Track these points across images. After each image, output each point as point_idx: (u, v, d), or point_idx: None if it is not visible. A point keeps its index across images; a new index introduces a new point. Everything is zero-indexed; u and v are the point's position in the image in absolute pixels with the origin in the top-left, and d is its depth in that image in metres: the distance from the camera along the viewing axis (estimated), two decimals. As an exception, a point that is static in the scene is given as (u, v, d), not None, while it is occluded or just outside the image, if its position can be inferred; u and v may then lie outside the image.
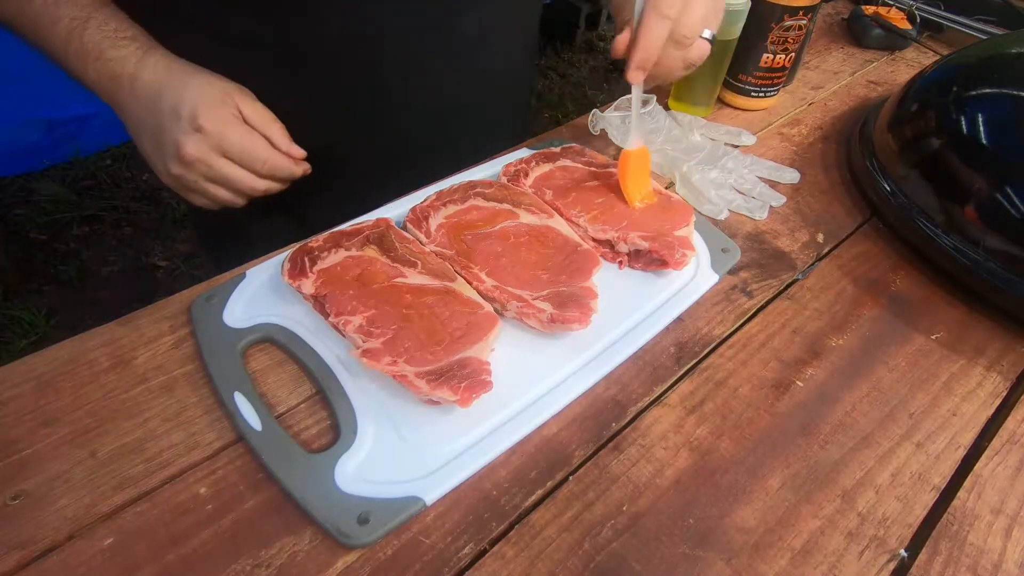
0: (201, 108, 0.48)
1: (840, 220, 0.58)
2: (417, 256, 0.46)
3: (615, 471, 0.38)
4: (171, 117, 0.48)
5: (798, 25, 0.64)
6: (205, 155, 0.49)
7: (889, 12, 0.86)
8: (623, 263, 0.50)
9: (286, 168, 0.52)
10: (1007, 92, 0.54)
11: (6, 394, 0.39)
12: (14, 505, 0.34)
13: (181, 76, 0.49)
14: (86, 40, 0.48)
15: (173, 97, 0.48)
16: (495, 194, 0.52)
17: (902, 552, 0.36)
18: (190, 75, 0.50)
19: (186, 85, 0.49)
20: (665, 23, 0.45)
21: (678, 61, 0.48)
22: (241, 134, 0.50)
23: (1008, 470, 0.40)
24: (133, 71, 0.49)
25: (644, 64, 0.47)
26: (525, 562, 0.34)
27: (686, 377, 0.44)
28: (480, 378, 0.38)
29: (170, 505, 0.35)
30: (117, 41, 0.48)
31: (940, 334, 0.48)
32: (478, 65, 0.61)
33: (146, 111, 0.49)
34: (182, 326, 0.44)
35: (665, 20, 0.45)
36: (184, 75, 0.50)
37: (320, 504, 0.34)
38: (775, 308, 0.49)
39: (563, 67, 2.48)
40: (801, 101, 0.74)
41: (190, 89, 0.48)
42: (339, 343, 0.42)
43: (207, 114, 0.48)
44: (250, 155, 0.50)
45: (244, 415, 0.38)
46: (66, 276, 1.55)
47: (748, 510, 0.37)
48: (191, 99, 0.48)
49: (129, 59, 0.48)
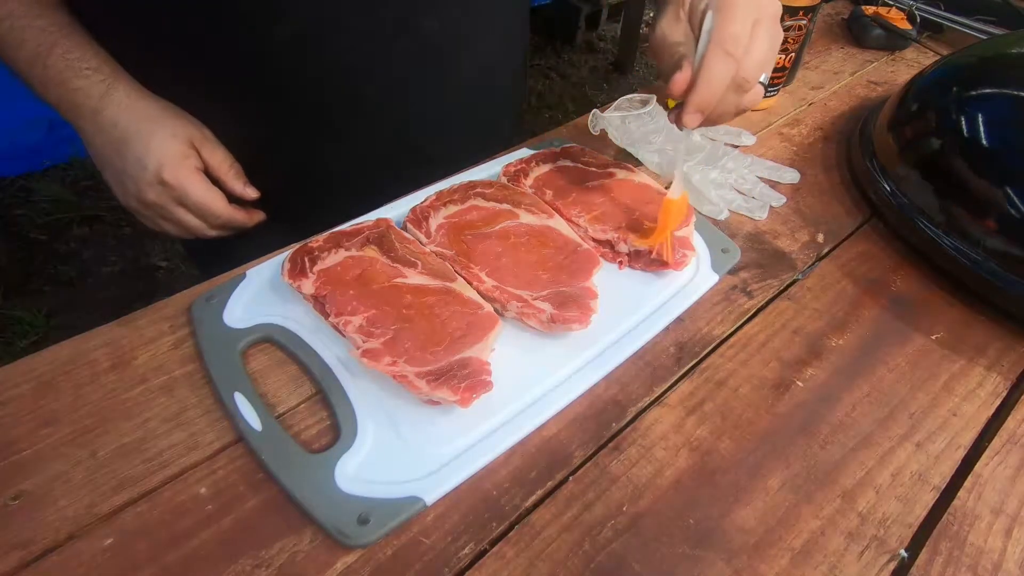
0: (166, 165, 0.50)
1: (840, 220, 0.58)
2: (417, 256, 0.46)
3: (615, 471, 0.38)
4: (136, 166, 0.51)
5: (798, 25, 0.64)
6: (165, 203, 0.52)
7: (889, 12, 0.86)
8: (623, 263, 0.50)
9: (239, 223, 0.57)
10: (1007, 92, 0.54)
11: (6, 394, 0.39)
12: (14, 505, 0.34)
13: (146, 125, 0.50)
14: (49, 67, 0.48)
15: (139, 148, 0.50)
16: (495, 194, 0.52)
17: (902, 552, 0.36)
18: (155, 123, 0.51)
19: (151, 136, 0.50)
20: (731, 64, 0.40)
21: (733, 106, 0.43)
22: (201, 192, 0.53)
23: (1008, 470, 0.40)
24: (96, 105, 0.49)
25: (704, 108, 0.42)
26: (525, 562, 0.34)
27: (686, 377, 0.44)
28: (480, 378, 0.38)
29: (170, 505, 0.35)
30: (80, 71, 0.49)
31: (940, 334, 0.48)
32: (449, 71, 0.58)
33: (110, 150, 0.51)
34: (182, 326, 0.44)
35: (731, 60, 0.40)
36: (149, 123, 0.51)
37: (320, 504, 0.34)
38: (775, 308, 0.49)
39: (563, 67, 2.48)
40: (801, 101, 0.74)
41: (155, 143, 0.50)
42: (339, 343, 0.42)
43: (171, 171, 0.51)
44: (206, 211, 0.54)
45: (244, 415, 0.38)
46: (66, 276, 1.55)
47: (748, 510, 0.37)
48: (156, 154, 0.50)
49: (92, 91, 0.49)
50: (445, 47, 0.56)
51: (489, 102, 0.67)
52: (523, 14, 0.67)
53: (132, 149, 0.50)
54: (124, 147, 0.50)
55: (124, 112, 0.50)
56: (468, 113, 0.64)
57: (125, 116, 0.50)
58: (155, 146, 0.50)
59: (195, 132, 0.53)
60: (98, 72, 0.49)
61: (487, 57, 0.62)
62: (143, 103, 0.51)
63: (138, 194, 0.52)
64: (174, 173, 0.51)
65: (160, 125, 0.51)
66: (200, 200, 0.52)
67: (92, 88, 0.49)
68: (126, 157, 0.50)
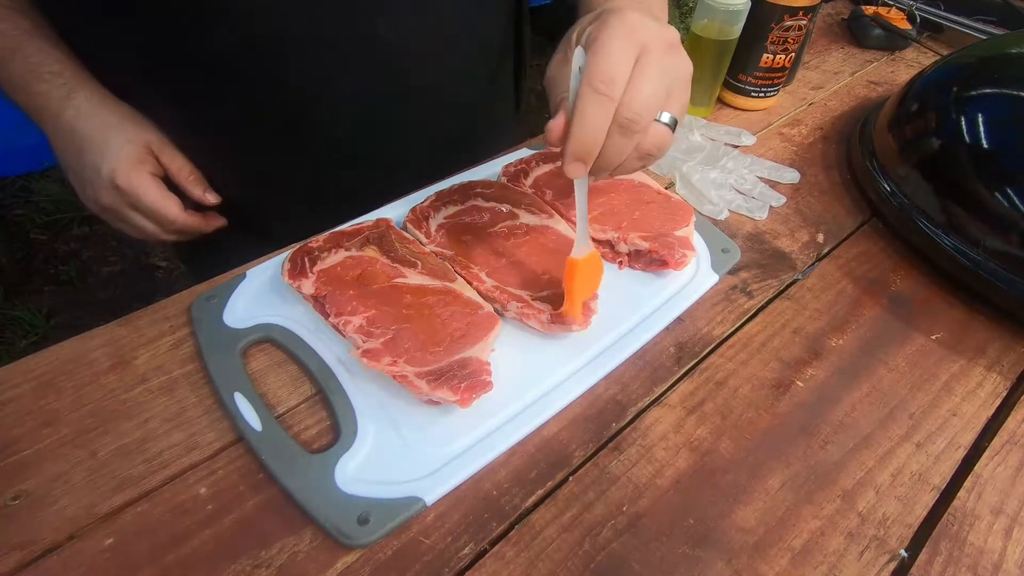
0: (119, 169, 0.51)
1: (840, 220, 0.58)
2: (417, 256, 0.46)
3: (615, 471, 0.38)
4: (91, 170, 0.51)
5: (798, 25, 0.64)
6: (120, 207, 0.53)
7: (889, 12, 0.86)
8: (623, 263, 0.50)
9: (194, 228, 0.56)
10: (1007, 92, 0.54)
11: (6, 394, 0.39)
12: (14, 505, 0.34)
13: (104, 131, 0.51)
14: (13, 71, 0.48)
15: (95, 152, 0.51)
16: (495, 194, 0.52)
17: (902, 552, 0.36)
18: (112, 129, 0.51)
19: (107, 141, 0.51)
20: (605, 103, 0.34)
21: (627, 151, 0.37)
22: (154, 197, 0.52)
23: (1008, 470, 0.40)
24: (56, 109, 0.50)
25: (582, 156, 0.36)
26: (525, 562, 0.34)
27: (686, 377, 0.44)
28: (480, 378, 0.38)
29: (170, 505, 0.35)
30: (42, 75, 0.49)
31: (940, 334, 0.48)
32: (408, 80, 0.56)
33: (70, 154, 0.52)
34: (182, 326, 0.44)
35: (605, 100, 0.34)
36: (106, 129, 0.51)
37: (320, 504, 0.34)
38: (775, 308, 0.49)
39: (563, 67, 2.48)
40: (801, 101, 0.74)
41: (111, 148, 0.51)
42: (339, 343, 0.42)
43: (123, 176, 0.51)
44: (160, 216, 0.54)
45: (244, 415, 0.38)
46: (66, 276, 1.55)
47: (748, 510, 0.37)
48: (110, 159, 0.51)
49: (53, 95, 0.49)
50: (403, 56, 0.54)
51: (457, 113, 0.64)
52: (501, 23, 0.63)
53: (89, 153, 0.51)
54: (82, 151, 0.51)
55: (83, 117, 0.50)
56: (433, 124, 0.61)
57: (84, 121, 0.50)
58: (110, 151, 0.51)
59: (153, 138, 0.54)
60: (59, 76, 0.49)
61: (453, 67, 0.59)
62: (103, 108, 0.51)
63: (95, 197, 0.53)
64: (127, 178, 0.51)
65: (117, 131, 0.51)
66: (152, 205, 0.53)
67: (53, 92, 0.49)
68: (84, 161, 0.51)
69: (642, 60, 0.35)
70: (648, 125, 0.36)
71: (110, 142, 0.51)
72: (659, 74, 0.36)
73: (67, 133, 0.50)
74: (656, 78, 0.36)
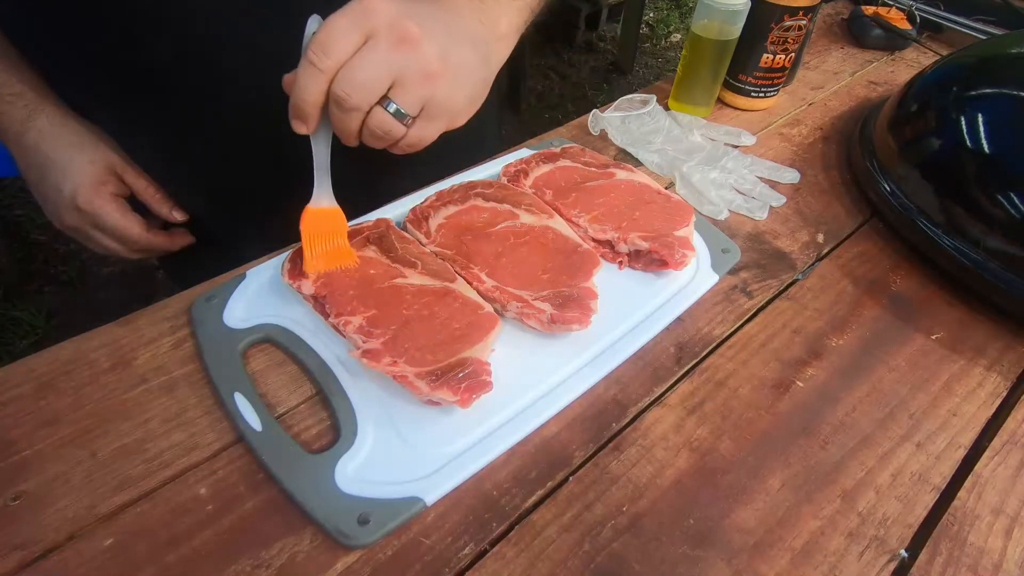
0: (80, 191, 0.51)
1: (840, 220, 0.58)
2: (417, 257, 0.46)
3: (615, 471, 0.38)
4: (54, 191, 0.52)
5: (798, 25, 0.64)
6: (83, 227, 0.54)
7: (889, 12, 0.86)
8: (623, 263, 0.50)
9: (158, 247, 0.57)
10: (1007, 92, 0.54)
11: (6, 395, 0.39)
12: (14, 506, 0.34)
13: (66, 152, 0.51)
14: None
15: (57, 173, 0.51)
16: (495, 194, 0.52)
17: (902, 552, 0.36)
18: (74, 150, 0.51)
19: (69, 163, 0.51)
20: (315, 73, 0.35)
21: (350, 124, 0.38)
22: (116, 217, 0.53)
23: (1008, 470, 0.40)
24: (19, 130, 0.50)
25: (298, 114, 0.38)
26: (525, 562, 0.34)
27: (686, 377, 0.44)
28: (480, 379, 0.38)
29: (170, 506, 0.35)
30: (4, 97, 0.49)
31: (940, 334, 0.48)
32: None
33: (34, 174, 0.52)
34: (182, 327, 0.44)
35: (315, 70, 0.35)
36: (68, 150, 0.51)
37: (320, 504, 0.34)
38: (775, 308, 0.49)
39: (563, 67, 2.48)
40: (801, 101, 0.74)
41: (72, 169, 0.51)
42: (339, 343, 0.42)
43: (84, 197, 0.51)
44: (122, 235, 0.54)
45: (244, 415, 0.38)
46: (66, 277, 1.55)
47: (748, 510, 0.37)
48: (71, 180, 0.51)
49: (15, 116, 0.50)
50: None
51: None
52: None
53: (52, 174, 0.51)
54: (45, 172, 0.51)
55: (45, 138, 0.51)
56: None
57: (46, 142, 0.51)
58: (72, 172, 0.51)
59: (115, 159, 0.54)
60: (21, 98, 0.50)
61: None
62: (65, 129, 0.51)
63: (59, 217, 0.53)
64: (88, 199, 0.51)
65: (79, 151, 0.52)
66: (114, 226, 0.53)
67: (15, 113, 0.50)
68: (47, 181, 0.52)
69: (368, 44, 0.36)
70: (362, 105, 0.37)
71: (72, 163, 0.51)
72: (380, 60, 0.36)
73: (30, 153, 0.51)
74: (375, 62, 0.36)
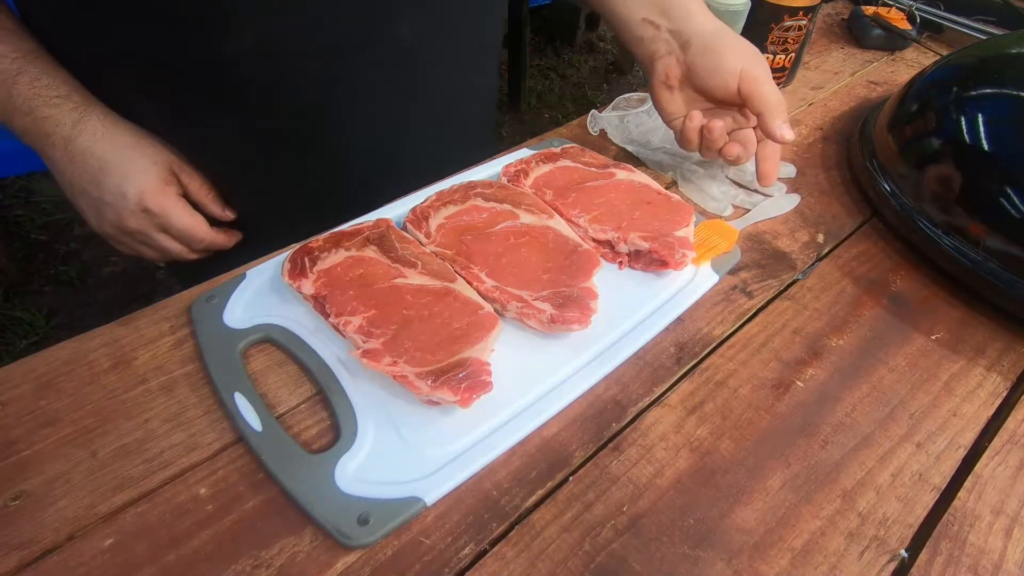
0: (148, 192, 0.51)
1: (840, 220, 0.58)
2: (417, 257, 0.46)
3: (615, 471, 0.38)
4: (116, 195, 0.50)
5: (798, 25, 0.64)
6: (147, 230, 0.53)
7: (889, 12, 0.86)
8: (623, 263, 0.50)
9: (220, 245, 0.58)
10: (1007, 92, 0.54)
11: (6, 395, 0.39)
12: (14, 506, 0.34)
13: (124, 152, 0.50)
14: (16, 95, 0.46)
15: (118, 177, 0.50)
16: (495, 194, 0.52)
17: (902, 552, 0.36)
18: (133, 151, 0.50)
19: (131, 164, 0.50)
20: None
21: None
22: (185, 218, 0.53)
23: (1008, 470, 0.40)
24: (68, 134, 0.48)
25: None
26: (525, 563, 0.34)
27: (686, 377, 0.44)
28: (480, 379, 0.38)
29: (170, 506, 0.35)
30: (50, 99, 0.47)
31: (940, 334, 0.48)
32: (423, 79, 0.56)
33: (86, 180, 0.50)
34: (182, 326, 0.44)
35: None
36: (126, 151, 0.50)
37: (320, 504, 0.34)
38: (775, 308, 0.49)
39: (563, 67, 2.48)
40: (801, 101, 0.74)
41: (135, 171, 0.50)
42: (339, 343, 0.42)
43: (153, 199, 0.51)
44: (190, 236, 0.54)
45: (244, 415, 0.38)
46: (66, 277, 1.55)
47: (748, 510, 0.37)
48: (137, 182, 0.50)
49: (63, 120, 0.48)
50: (419, 55, 0.54)
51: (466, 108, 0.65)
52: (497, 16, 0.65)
53: (110, 177, 0.50)
54: (101, 175, 0.50)
55: (99, 140, 0.49)
56: (444, 120, 0.62)
57: (100, 144, 0.49)
58: (134, 174, 0.50)
59: (173, 158, 0.53)
60: (68, 100, 0.48)
61: (463, 62, 0.60)
62: (118, 130, 0.50)
63: (118, 222, 0.52)
64: (157, 201, 0.51)
65: (139, 153, 0.51)
66: (184, 226, 0.53)
67: (63, 116, 0.48)
68: (103, 186, 0.50)
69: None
70: None
71: (133, 164, 0.50)
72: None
73: (82, 157, 0.49)
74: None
